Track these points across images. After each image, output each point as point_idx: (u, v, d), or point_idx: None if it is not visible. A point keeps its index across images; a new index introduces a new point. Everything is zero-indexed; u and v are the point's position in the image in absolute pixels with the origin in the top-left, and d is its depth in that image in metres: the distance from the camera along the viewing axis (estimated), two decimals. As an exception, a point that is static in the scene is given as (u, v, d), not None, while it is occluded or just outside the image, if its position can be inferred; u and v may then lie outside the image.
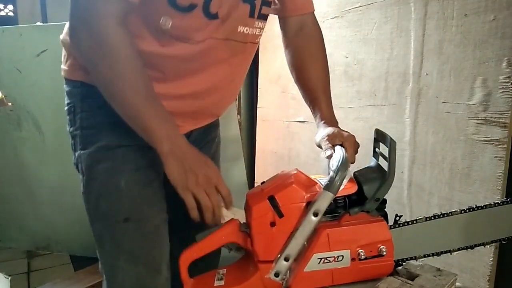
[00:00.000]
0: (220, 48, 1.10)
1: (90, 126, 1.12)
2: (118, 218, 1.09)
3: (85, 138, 1.12)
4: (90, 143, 1.11)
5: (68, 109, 1.16)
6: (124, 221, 1.09)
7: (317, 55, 1.33)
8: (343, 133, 1.17)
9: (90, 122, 1.12)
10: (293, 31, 1.34)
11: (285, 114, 2.56)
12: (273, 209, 1.03)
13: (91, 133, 1.11)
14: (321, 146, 1.18)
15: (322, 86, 1.30)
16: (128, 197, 1.10)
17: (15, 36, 2.41)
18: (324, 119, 1.25)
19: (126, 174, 1.10)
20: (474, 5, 1.58)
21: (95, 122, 1.11)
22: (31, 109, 2.45)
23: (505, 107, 1.50)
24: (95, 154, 1.11)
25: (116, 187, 1.09)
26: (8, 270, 2.06)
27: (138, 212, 1.11)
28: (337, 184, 0.98)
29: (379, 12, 1.95)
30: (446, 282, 1.09)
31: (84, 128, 1.12)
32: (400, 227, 1.12)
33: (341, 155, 1.03)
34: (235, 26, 1.09)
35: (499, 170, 1.52)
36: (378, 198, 1.06)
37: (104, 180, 1.10)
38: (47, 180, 2.56)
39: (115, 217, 1.10)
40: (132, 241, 1.11)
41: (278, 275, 1.04)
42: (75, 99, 1.13)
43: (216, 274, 1.14)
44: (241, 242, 1.10)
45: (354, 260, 1.05)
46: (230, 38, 1.10)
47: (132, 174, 1.11)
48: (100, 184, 1.10)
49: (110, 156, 1.10)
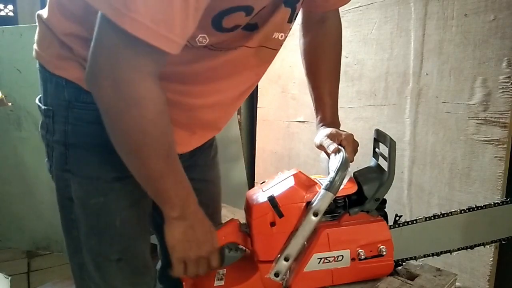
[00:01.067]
0: (251, 56, 0.99)
1: (77, 145, 0.97)
2: (110, 257, 1.03)
3: (71, 159, 0.98)
4: (79, 169, 0.98)
5: (45, 110, 1.00)
6: (117, 261, 1.03)
7: (331, 54, 1.26)
8: (341, 132, 1.16)
9: (78, 140, 0.96)
10: (315, 22, 1.25)
11: (285, 114, 2.56)
12: (273, 209, 1.03)
13: (79, 155, 0.97)
14: (320, 148, 1.17)
15: (330, 87, 1.25)
16: (123, 236, 1.03)
17: (15, 36, 2.41)
18: (324, 122, 1.23)
19: (120, 212, 1.01)
20: (474, 5, 1.58)
21: (83, 142, 0.96)
22: (31, 109, 2.45)
23: (505, 107, 1.50)
24: (85, 185, 0.99)
25: (109, 226, 1.01)
26: (8, 270, 2.06)
27: (132, 251, 1.06)
28: (337, 184, 0.98)
29: (379, 12, 1.95)
30: (446, 282, 1.10)
31: (70, 146, 0.97)
32: (400, 227, 1.12)
33: (341, 155, 1.03)
34: (272, 33, 0.97)
35: (499, 170, 1.52)
36: (378, 198, 1.06)
37: (96, 216, 1.00)
38: (47, 180, 2.53)
39: (108, 256, 1.03)
40: (123, 278, 1.07)
41: (278, 275, 1.04)
42: (55, 104, 0.97)
43: (216, 274, 1.14)
44: (241, 242, 1.10)
45: (354, 260, 1.05)
46: (263, 45, 0.99)
47: (127, 211, 1.02)
48: (91, 219, 1.00)
49: (103, 191, 0.99)
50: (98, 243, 1.02)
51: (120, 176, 0.97)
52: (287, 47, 2.65)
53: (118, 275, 1.06)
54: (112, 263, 1.03)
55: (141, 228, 1.08)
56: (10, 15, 3.07)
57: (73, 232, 1.05)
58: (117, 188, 1.00)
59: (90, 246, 1.03)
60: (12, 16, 3.08)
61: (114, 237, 1.02)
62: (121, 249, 1.04)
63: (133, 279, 1.09)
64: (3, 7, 3.05)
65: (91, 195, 0.99)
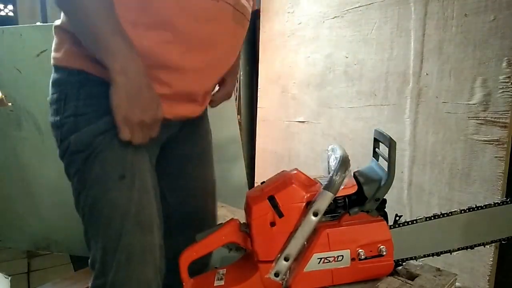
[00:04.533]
0: (229, 16, 1.08)
1: (88, 113, 1.04)
2: (113, 177, 1.03)
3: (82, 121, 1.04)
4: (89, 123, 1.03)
5: (57, 98, 1.07)
6: (119, 179, 1.03)
7: None
8: None
9: (87, 110, 1.03)
10: None
11: (285, 114, 2.56)
12: (273, 209, 1.03)
13: (89, 117, 1.03)
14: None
15: None
16: (121, 156, 1.04)
17: (15, 36, 2.41)
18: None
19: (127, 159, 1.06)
20: (474, 5, 1.58)
21: (92, 110, 1.03)
22: (31, 109, 2.45)
23: (505, 107, 1.50)
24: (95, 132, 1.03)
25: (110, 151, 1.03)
26: (8, 270, 2.06)
27: (131, 169, 1.05)
28: (336, 184, 0.99)
29: (379, 12, 1.95)
30: (446, 282, 1.10)
31: (79, 115, 1.04)
32: (400, 227, 1.12)
33: (341, 155, 1.03)
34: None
35: (499, 170, 1.52)
36: (378, 198, 1.06)
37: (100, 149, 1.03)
38: (47, 180, 2.55)
39: (110, 177, 1.03)
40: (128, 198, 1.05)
41: (278, 275, 1.05)
42: (69, 87, 1.05)
43: (216, 274, 1.15)
44: (241, 242, 1.10)
45: (354, 260, 1.06)
46: (236, 7, 1.09)
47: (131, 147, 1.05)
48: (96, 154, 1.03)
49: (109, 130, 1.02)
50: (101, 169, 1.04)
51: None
52: (287, 47, 2.67)
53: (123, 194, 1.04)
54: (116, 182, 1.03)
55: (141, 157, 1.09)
56: (10, 15, 3.07)
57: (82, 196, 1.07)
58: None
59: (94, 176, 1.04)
60: (12, 16, 3.07)
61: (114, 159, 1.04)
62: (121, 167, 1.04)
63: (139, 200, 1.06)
64: (3, 7, 3.05)
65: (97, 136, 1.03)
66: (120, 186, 1.03)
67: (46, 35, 2.34)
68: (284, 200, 1.04)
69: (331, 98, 2.20)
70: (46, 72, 2.34)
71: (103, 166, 1.03)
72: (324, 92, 2.22)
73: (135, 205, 1.04)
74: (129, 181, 1.04)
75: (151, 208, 1.08)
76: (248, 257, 1.13)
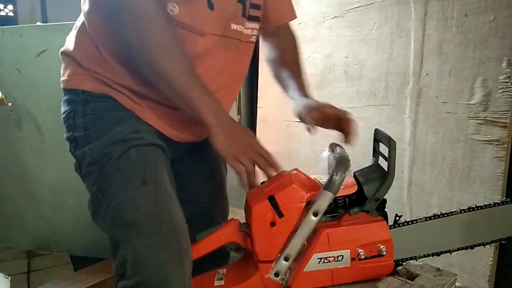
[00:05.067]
0: (219, 46, 1.13)
1: (97, 125, 1.10)
2: (136, 183, 1.04)
3: (92, 134, 1.09)
4: (100, 136, 1.08)
5: (67, 115, 1.14)
6: (143, 185, 1.04)
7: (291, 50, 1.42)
8: (321, 102, 1.23)
9: (96, 123, 1.09)
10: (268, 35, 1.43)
11: (285, 114, 2.56)
12: (273, 209, 1.03)
13: (99, 129, 1.09)
14: (302, 118, 1.25)
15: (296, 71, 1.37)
16: (141, 163, 1.07)
17: (15, 36, 2.41)
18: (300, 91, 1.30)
19: (137, 146, 1.08)
20: (474, 5, 1.58)
21: (101, 123, 1.09)
22: (31, 109, 2.45)
23: (505, 107, 1.50)
24: (108, 141, 1.07)
25: (128, 159, 1.06)
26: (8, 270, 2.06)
27: (153, 175, 1.07)
28: (337, 183, 0.99)
29: (379, 12, 1.95)
30: (446, 282, 1.10)
31: (89, 128, 1.09)
32: (400, 227, 1.12)
33: (341, 154, 1.03)
34: (229, 23, 1.14)
35: (499, 170, 1.52)
36: (378, 198, 1.06)
37: (117, 158, 1.06)
38: (47, 180, 2.55)
39: (132, 184, 1.04)
40: (154, 203, 1.05)
41: (278, 275, 1.05)
42: (75, 105, 1.12)
43: (216, 274, 1.15)
44: (241, 242, 1.10)
45: (354, 260, 1.05)
46: (225, 35, 1.13)
47: (142, 146, 1.09)
48: (113, 162, 1.06)
49: (123, 141, 1.07)
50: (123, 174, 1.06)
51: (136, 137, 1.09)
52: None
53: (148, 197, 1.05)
54: (139, 188, 1.04)
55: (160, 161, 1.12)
56: (10, 15, 3.06)
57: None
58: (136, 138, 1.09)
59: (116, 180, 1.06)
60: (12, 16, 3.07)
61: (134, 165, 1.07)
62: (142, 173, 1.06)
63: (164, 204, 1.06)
64: (3, 7, 3.04)
65: (114, 143, 1.07)
66: (143, 191, 1.04)
67: (46, 35, 2.36)
68: (284, 200, 1.03)
69: (331, 98, 2.19)
70: (46, 72, 2.36)
71: (123, 174, 1.05)
72: (324, 92, 2.22)
73: (162, 210, 1.04)
74: (152, 187, 1.05)
75: (180, 213, 1.07)
76: (248, 257, 1.13)
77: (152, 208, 1.03)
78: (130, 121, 1.10)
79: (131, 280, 1.02)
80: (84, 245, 2.58)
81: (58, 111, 1.19)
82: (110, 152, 1.06)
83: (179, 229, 1.04)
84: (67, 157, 1.17)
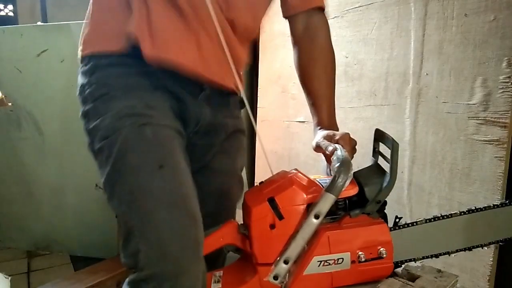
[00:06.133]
0: None
1: (103, 94, 1.05)
2: (152, 167, 0.98)
3: (102, 106, 1.04)
4: (110, 109, 1.03)
5: (80, 91, 1.11)
6: (159, 168, 0.98)
7: (321, 58, 1.30)
8: (337, 132, 1.16)
9: (102, 91, 1.05)
10: (300, 30, 1.31)
11: (285, 114, 2.55)
12: (273, 211, 1.02)
13: (107, 99, 1.05)
14: (318, 150, 1.17)
15: (324, 92, 1.29)
16: (157, 145, 1.01)
17: (15, 36, 2.41)
18: (321, 125, 1.24)
19: (151, 126, 1.02)
20: (474, 5, 1.58)
21: (107, 90, 1.05)
22: (31, 109, 2.45)
23: (505, 107, 1.50)
24: (118, 115, 1.02)
25: (144, 138, 1.00)
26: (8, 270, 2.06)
27: (170, 158, 1.02)
28: (339, 186, 0.97)
29: (379, 12, 1.95)
30: (447, 284, 1.10)
31: (96, 99, 1.05)
32: (400, 229, 1.12)
33: (343, 155, 1.01)
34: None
35: (499, 170, 1.52)
36: (379, 200, 1.05)
37: (129, 134, 1.00)
38: (47, 180, 2.55)
39: (147, 167, 0.98)
40: (171, 189, 0.99)
41: (277, 278, 1.03)
42: (84, 78, 1.09)
43: (213, 276, 1.13)
44: (240, 244, 1.09)
45: (354, 262, 1.05)
46: None
47: (158, 127, 1.03)
48: (126, 139, 1.00)
49: (134, 115, 1.02)
50: (138, 157, 1.00)
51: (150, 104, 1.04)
52: (286, 46, 2.66)
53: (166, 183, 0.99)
54: (156, 172, 0.98)
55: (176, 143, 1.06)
56: (10, 15, 3.06)
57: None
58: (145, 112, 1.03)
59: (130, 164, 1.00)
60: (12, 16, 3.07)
61: (151, 147, 1.01)
62: (160, 156, 1.01)
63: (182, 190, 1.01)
64: (3, 7, 3.04)
65: (123, 117, 1.01)
66: (159, 176, 0.98)
67: (46, 35, 2.36)
68: (284, 202, 1.02)
69: (331, 98, 2.18)
70: (46, 72, 2.36)
71: (138, 155, 0.99)
72: (324, 92, 2.21)
73: (179, 196, 0.99)
74: (168, 172, 0.99)
75: (196, 200, 1.02)
76: (246, 259, 1.12)
77: (168, 195, 0.97)
78: (140, 92, 1.05)
79: (144, 272, 0.95)
80: (84, 245, 2.59)
81: (58, 111, 1.18)
82: (121, 127, 1.00)
83: (195, 218, 0.98)
84: (67, 157, 1.17)
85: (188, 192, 1.00)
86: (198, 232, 0.98)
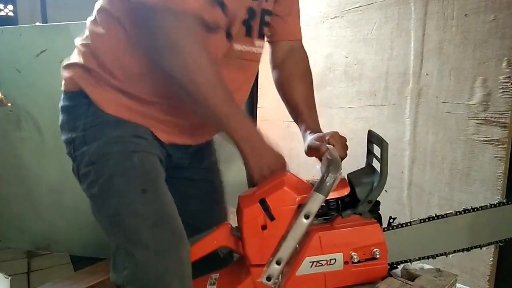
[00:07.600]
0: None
1: (96, 127, 1.10)
2: (136, 190, 1.06)
3: (91, 135, 1.10)
4: (98, 137, 1.09)
5: (68, 117, 1.15)
6: (143, 192, 1.05)
7: (303, 78, 1.41)
8: (326, 133, 1.21)
9: (96, 125, 1.10)
10: (283, 54, 1.41)
11: (285, 114, 2.51)
12: (264, 212, 1.02)
13: (98, 129, 1.09)
14: (311, 152, 1.24)
15: (307, 103, 1.37)
16: (142, 171, 1.08)
17: (15, 36, 2.42)
18: (310, 129, 1.30)
19: (139, 153, 1.09)
20: (474, 5, 1.57)
21: (101, 125, 1.10)
22: (30, 109, 2.46)
23: (505, 107, 1.49)
24: (106, 142, 1.08)
25: (130, 164, 1.07)
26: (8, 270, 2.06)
27: (154, 183, 1.09)
28: (327, 185, 0.97)
29: (379, 12, 1.94)
30: (446, 283, 1.09)
31: (88, 129, 1.10)
32: (394, 230, 1.11)
33: (332, 155, 1.02)
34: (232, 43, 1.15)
35: (499, 170, 1.51)
36: (371, 200, 1.05)
37: (117, 160, 1.07)
38: (47, 180, 2.56)
39: (132, 191, 1.06)
40: (155, 210, 1.07)
41: (270, 279, 1.03)
42: (79, 107, 1.12)
43: (209, 279, 1.14)
44: (233, 246, 1.09)
45: (347, 263, 1.04)
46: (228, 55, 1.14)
47: (144, 154, 1.11)
48: (113, 164, 1.07)
49: (122, 143, 1.09)
50: (123, 182, 1.07)
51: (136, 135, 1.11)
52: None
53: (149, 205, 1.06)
54: (140, 196, 1.06)
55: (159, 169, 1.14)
56: (10, 15, 3.07)
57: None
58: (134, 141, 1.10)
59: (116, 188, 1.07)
60: (12, 16, 3.08)
61: (136, 173, 1.08)
62: (143, 180, 1.08)
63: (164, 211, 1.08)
64: (3, 7, 3.05)
65: (112, 146, 1.08)
66: (144, 199, 1.05)
67: (46, 35, 2.36)
68: (276, 203, 1.02)
69: (331, 98, 2.18)
70: (46, 72, 2.36)
71: (125, 179, 1.06)
72: (324, 92, 2.21)
73: (162, 217, 1.05)
74: (152, 195, 1.06)
75: (179, 220, 1.08)
76: (241, 262, 1.12)
77: (152, 215, 1.04)
78: (130, 126, 1.10)
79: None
80: (84, 245, 2.59)
81: (57, 111, 1.18)
82: (108, 152, 1.07)
83: (179, 237, 1.04)
84: (67, 158, 1.17)
85: (171, 213, 1.07)
86: (182, 251, 1.04)
